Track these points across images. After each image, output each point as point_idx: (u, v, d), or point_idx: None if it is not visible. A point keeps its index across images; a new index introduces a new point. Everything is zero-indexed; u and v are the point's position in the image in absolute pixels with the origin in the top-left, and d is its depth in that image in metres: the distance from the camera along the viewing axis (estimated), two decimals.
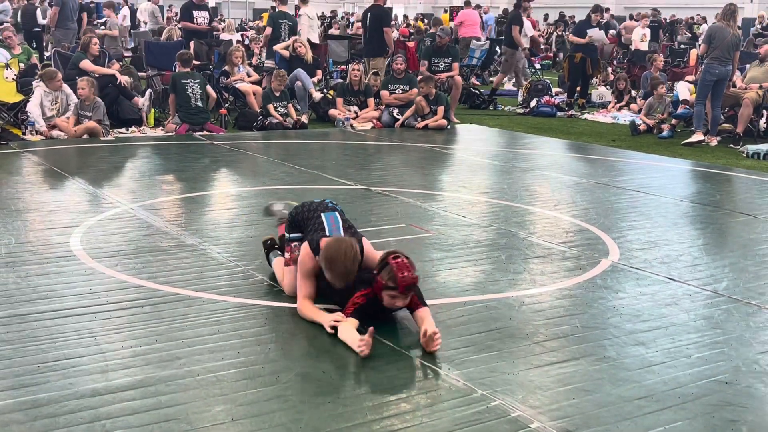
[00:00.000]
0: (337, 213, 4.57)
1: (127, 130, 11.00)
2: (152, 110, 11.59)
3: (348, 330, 4.02)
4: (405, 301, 4.09)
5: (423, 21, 29.90)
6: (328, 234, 4.37)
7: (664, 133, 12.00)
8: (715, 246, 6.20)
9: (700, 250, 5.94)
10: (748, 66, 12.81)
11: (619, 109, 14.58)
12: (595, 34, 14.58)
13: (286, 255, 4.67)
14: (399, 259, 4.05)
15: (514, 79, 17.03)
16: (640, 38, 19.29)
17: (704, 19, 28.94)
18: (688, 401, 3.52)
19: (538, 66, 21.80)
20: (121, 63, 13.60)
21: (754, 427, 3.32)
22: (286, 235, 4.70)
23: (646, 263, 5.51)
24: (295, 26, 14.27)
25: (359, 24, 18.93)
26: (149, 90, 11.97)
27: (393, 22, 26.38)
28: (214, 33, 15.05)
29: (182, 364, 3.73)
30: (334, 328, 4.07)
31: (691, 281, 5.16)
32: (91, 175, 8.05)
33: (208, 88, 11.45)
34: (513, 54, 15.66)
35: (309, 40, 13.98)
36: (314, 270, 4.31)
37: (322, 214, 4.51)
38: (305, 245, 4.40)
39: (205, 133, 10.94)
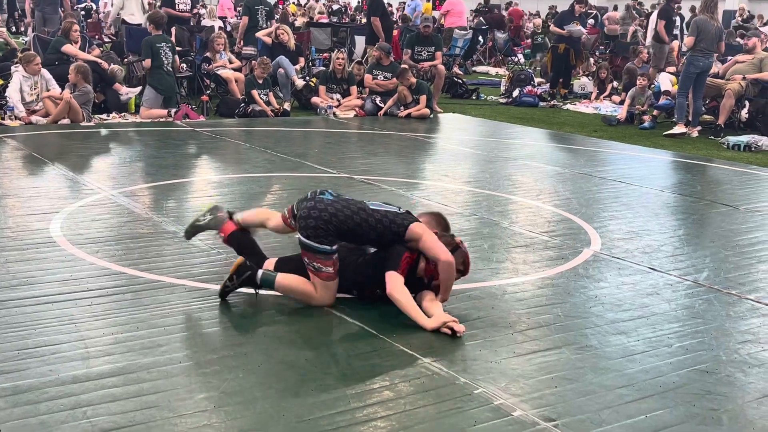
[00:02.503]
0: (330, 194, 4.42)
1: (108, 115, 10.92)
2: (133, 96, 11.50)
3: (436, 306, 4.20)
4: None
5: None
6: (398, 210, 4.38)
7: (646, 124, 12.06)
8: (695, 236, 6.23)
9: (681, 241, 5.97)
10: (729, 58, 12.88)
11: (602, 99, 14.63)
12: (573, 30, 14.54)
13: (330, 270, 4.25)
14: (465, 245, 4.47)
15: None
16: None
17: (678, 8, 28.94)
18: (669, 390, 3.54)
19: (520, 56, 21.83)
20: (101, 48, 13.48)
21: (734, 416, 3.35)
22: (326, 247, 4.21)
23: (628, 253, 5.54)
24: (272, 12, 14.25)
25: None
26: (140, 87, 11.87)
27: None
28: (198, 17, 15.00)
29: (164, 351, 3.71)
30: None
31: (672, 271, 5.19)
32: (72, 161, 7.98)
33: (176, 57, 11.52)
34: (661, 48, 15.03)
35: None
36: None
37: (368, 205, 4.35)
38: (418, 224, 4.26)
39: (187, 119, 10.88)
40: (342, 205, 4.29)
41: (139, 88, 11.63)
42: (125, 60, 13.31)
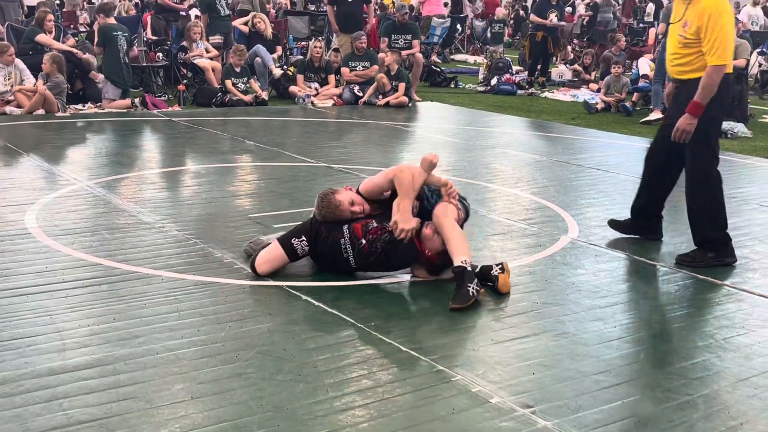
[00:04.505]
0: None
1: (84, 106, 10.83)
2: None
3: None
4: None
5: None
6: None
7: (628, 106, 12.14)
8: (672, 222, 6.26)
9: None
10: None
11: (578, 87, 14.69)
12: (560, 25, 14.62)
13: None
14: None
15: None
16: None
17: None
18: (645, 376, 3.56)
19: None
20: (76, 38, 13.34)
21: (710, 401, 3.38)
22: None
23: (605, 240, 5.56)
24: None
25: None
26: None
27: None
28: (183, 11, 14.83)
29: (141, 342, 3.69)
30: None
31: (649, 257, 5.22)
32: (47, 152, 7.91)
33: (132, 47, 11.46)
34: None
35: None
36: None
37: None
38: None
39: (163, 109, 10.81)
40: None
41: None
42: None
